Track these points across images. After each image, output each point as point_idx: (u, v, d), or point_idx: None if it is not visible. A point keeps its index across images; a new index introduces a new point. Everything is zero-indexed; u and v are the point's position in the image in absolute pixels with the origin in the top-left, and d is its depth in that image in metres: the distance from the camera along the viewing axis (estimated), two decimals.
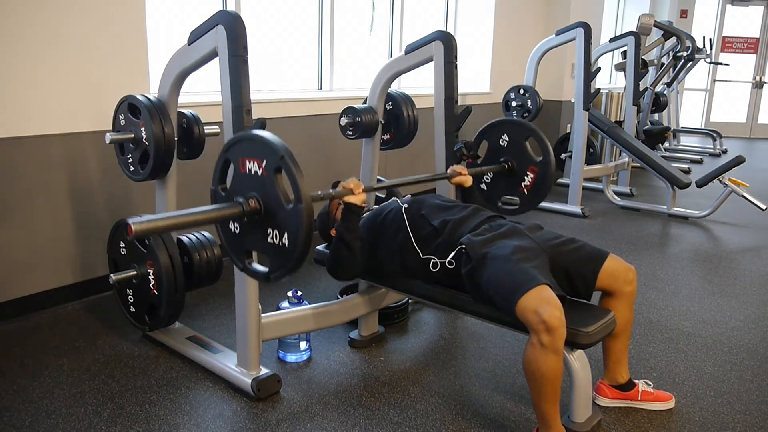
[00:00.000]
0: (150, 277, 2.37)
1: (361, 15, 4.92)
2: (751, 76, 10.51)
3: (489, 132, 2.69)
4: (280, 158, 1.48)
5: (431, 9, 5.59)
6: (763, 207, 4.47)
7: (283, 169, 1.49)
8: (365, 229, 2.20)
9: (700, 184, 4.64)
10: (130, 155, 2.41)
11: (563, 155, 5.73)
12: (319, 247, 2.48)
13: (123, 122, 2.40)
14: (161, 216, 1.50)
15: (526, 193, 2.59)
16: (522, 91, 5.13)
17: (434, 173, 2.55)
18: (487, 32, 5.90)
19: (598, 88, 5.58)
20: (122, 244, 2.48)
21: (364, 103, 2.82)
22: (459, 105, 2.67)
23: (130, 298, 2.51)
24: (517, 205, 2.64)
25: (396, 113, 2.89)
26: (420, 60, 2.66)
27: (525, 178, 2.58)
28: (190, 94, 3.16)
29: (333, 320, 2.41)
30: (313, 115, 3.89)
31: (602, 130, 5.34)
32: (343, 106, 2.80)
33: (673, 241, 4.38)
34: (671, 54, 6.84)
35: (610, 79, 8.45)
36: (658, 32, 6.41)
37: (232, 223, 1.66)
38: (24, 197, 2.70)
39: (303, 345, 2.43)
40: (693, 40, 6.81)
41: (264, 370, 2.18)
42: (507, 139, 2.62)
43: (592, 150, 5.64)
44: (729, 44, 10.48)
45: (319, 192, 1.89)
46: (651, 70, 6.71)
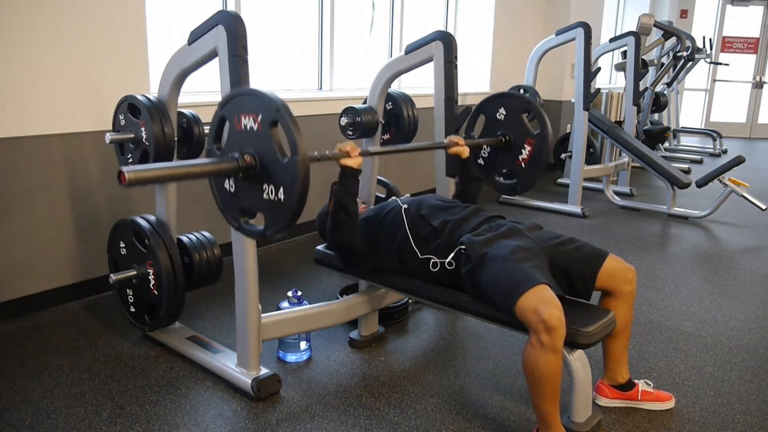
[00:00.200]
0: (150, 277, 2.37)
1: (361, 15, 4.92)
2: (751, 76, 10.51)
3: (486, 106, 2.66)
4: (275, 110, 1.46)
5: (431, 9, 5.59)
6: (763, 207, 4.47)
7: (279, 123, 1.47)
8: (365, 228, 2.20)
9: (700, 184, 4.64)
10: (130, 155, 2.42)
11: (563, 155, 5.74)
12: (319, 248, 2.48)
13: (123, 122, 2.40)
14: (156, 166, 1.49)
15: (523, 166, 2.55)
16: (522, 91, 5.13)
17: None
18: (487, 32, 5.90)
19: (598, 88, 5.59)
20: (122, 244, 2.48)
21: (364, 103, 2.81)
22: (459, 105, 2.66)
23: (130, 298, 2.51)
24: (515, 179, 2.59)
25: (396, 113, 2.89)
26: (420, 60, 2.66)
27: (522, 151, 2.54)
28: (190, 94, 3.16)
29: (333, 320, 2.41)
30: (313, 115, 3.89)
31: (602, 130, 5.34)
32: (343, 106, 2.80)
33: (673, 241, 4.38)
34: (671, 54, 6.84)
35: (610, 79, 8.46)
36: (658, 32, 6.41)
37: (227, 181, 1.63)
38: (24, 197, 2.70)
39: (303, 345, 2.43)
40: (693, 40, 6.81)
41: (264, 370, 2.18)
42: (504, 112, 2.59)
43: (592, 150, 5.64)
44: (729, 44, 10.48)
45: (315, 153, 1.83)
46: (651, 70, 6.71)
